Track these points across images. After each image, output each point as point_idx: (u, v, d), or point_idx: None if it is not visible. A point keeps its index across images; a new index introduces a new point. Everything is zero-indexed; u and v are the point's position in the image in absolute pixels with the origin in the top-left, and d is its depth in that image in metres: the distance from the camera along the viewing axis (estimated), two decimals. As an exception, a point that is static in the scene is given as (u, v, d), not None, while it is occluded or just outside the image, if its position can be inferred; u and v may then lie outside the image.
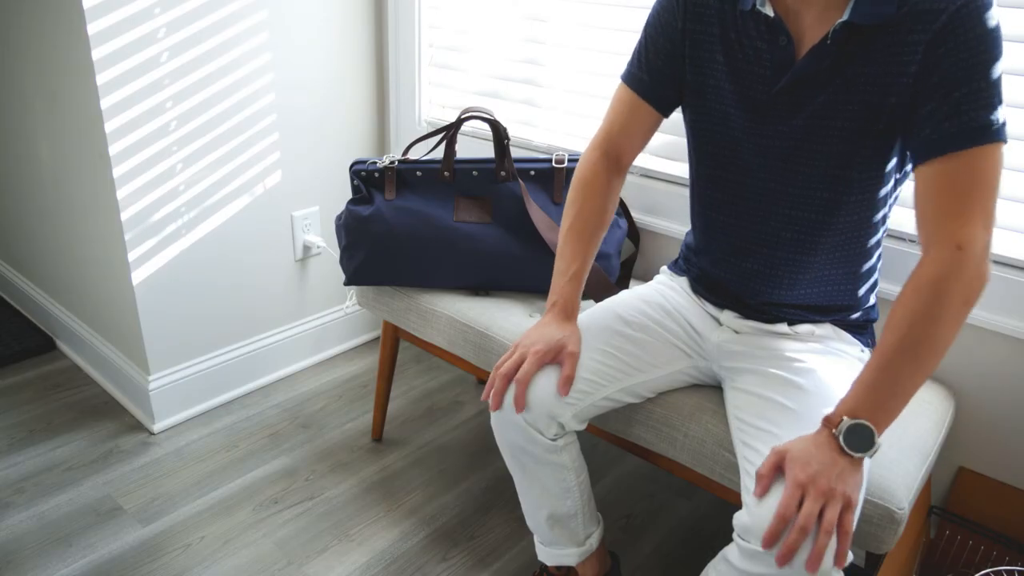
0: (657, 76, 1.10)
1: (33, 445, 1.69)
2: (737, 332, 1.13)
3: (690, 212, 1.19)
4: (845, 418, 0.87)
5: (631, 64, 1.13)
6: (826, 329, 1.10)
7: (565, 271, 1.13)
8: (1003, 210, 1.20)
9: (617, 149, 1.15)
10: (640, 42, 1.12)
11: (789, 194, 1.02)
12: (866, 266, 1.08)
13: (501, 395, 1.10)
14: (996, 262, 1.21)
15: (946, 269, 0.86)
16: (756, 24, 0.98)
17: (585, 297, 1.49)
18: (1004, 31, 1.12)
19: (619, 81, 1.16)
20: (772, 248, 1.06)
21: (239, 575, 1.38)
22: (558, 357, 1.09)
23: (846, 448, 0.86)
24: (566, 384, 1.08)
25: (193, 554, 1.42)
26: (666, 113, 1.14)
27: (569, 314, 1.13)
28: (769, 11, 0.96)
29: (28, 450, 1.67)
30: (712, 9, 1.03)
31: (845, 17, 0.90)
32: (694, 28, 1.05)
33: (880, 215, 1.03)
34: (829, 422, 0.88)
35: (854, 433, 0.86)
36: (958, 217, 0.86)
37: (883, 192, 1.00)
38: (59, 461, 1.64)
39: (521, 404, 1.07)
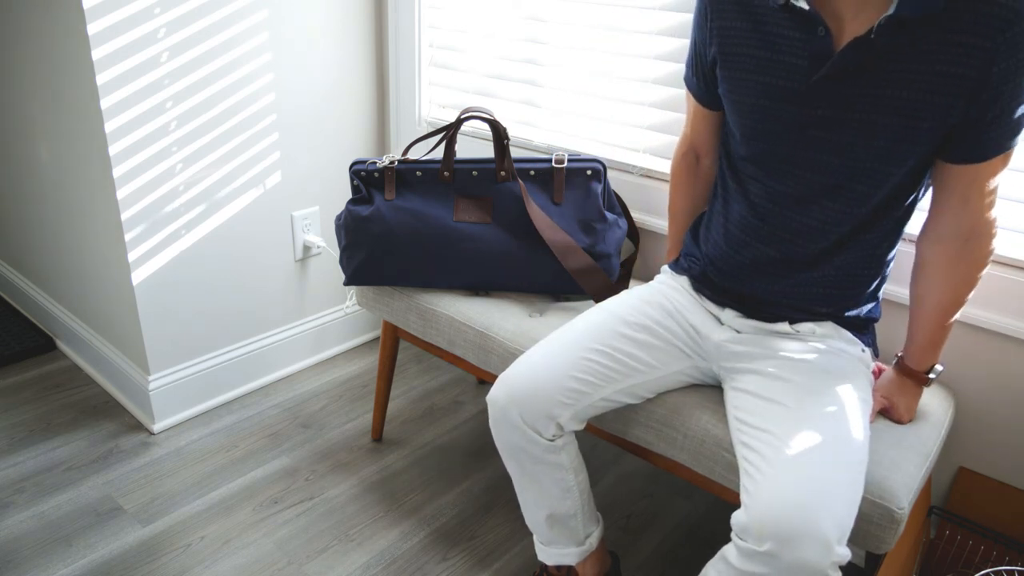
0: (708, 79, 1.13)
1: (33, 445, 1.69)
2: (738, 331, 1.13)
3: (710, 199, 1.20)
4: (936, 366, 1.12)
5: (687, 66, 1.18)
6: (827, 328, 1.10)
7: (668, 239, 1.37)
8: (1003, 210, 1.20)
9: (695, 149, 1.26)
10: (691, 43, 1.16)
11: (821, 184, 1.01)
12: (882, 263, 1.07)
13: None
14: (996, 262, 1.21)
15: (963, 241, 1.02)
16: (790, 17, 0.97)
17: (585, 297, 1.49)
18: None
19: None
20: (794, 236, 1.05)
21: (239, 575, 1.38)
22: None
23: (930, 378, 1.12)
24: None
25: (193, 554, 1.42)
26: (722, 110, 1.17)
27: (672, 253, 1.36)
28: (803, 4, 0.94)
29: (28, 450, 1.67)
30: (735, 3, 1.03)
31: (891, 11, 0.88)
32: (721, 24, 1.06)
33: (904, 212, 1.03)
34: (917, 376, 1.12)
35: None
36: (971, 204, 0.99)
37: (910, 187, 1.00)
38: (59, 461, 1.64)
39: None
